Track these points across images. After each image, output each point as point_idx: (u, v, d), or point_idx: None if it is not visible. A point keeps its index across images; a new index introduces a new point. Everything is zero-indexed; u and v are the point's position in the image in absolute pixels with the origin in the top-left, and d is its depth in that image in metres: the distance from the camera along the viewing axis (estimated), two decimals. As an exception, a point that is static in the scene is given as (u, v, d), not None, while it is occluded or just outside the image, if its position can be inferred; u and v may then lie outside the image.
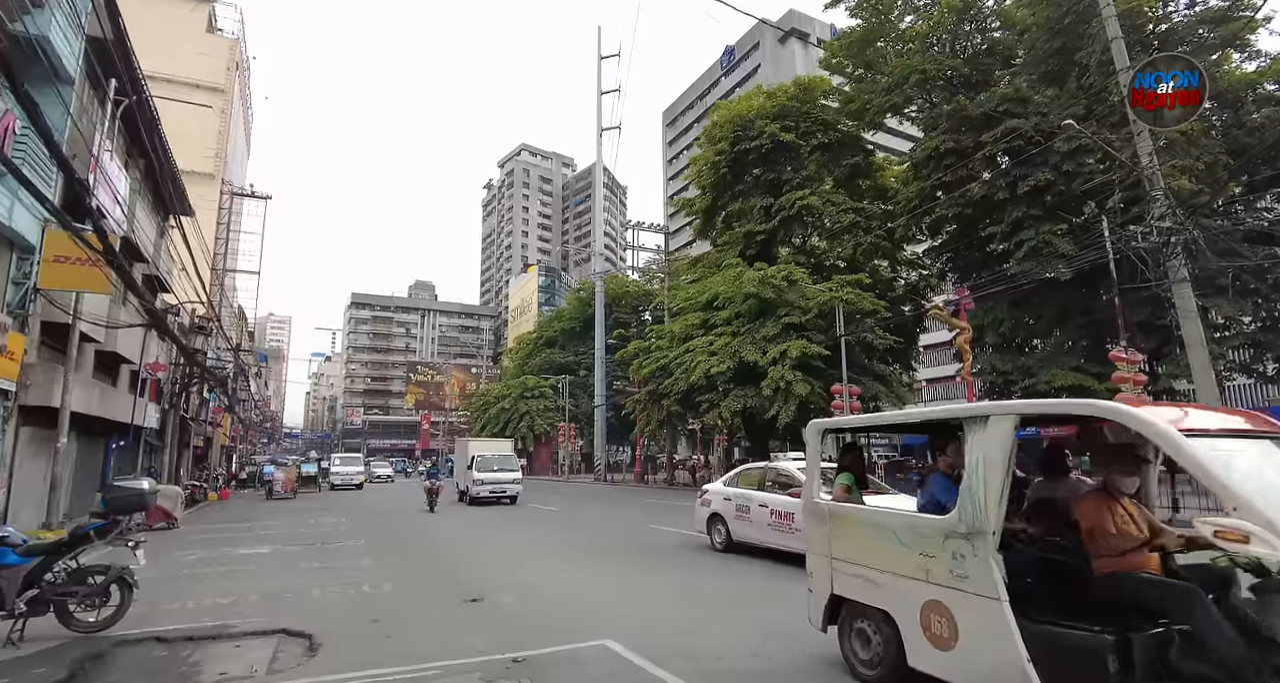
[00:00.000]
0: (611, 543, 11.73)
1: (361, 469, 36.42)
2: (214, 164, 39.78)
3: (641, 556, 10.21)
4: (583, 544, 11.58)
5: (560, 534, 13.15)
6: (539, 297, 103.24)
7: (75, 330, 13.59)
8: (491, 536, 13.12)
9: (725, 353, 25.37)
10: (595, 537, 12.66)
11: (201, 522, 16.92)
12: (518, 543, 11.80)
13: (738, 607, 6.43)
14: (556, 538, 12.50)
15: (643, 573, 8.44)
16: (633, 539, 12.21)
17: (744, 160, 32.04)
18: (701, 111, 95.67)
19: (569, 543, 11.72)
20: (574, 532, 13.55)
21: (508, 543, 11.89)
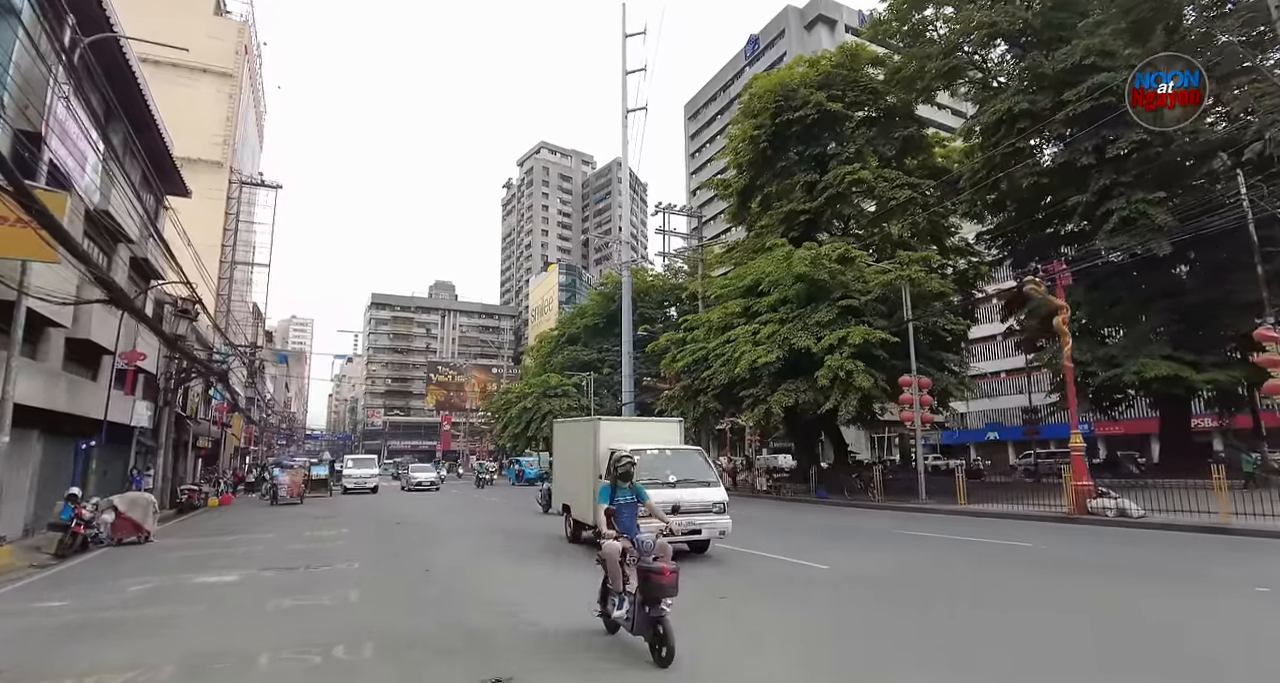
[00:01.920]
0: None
1: (376, 472, 34.27)
2: (222, 151, 37.94)
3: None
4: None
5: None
6: (559, 295, 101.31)
7: (20, 307, 11.34)
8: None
9: (773, 342, 22.73)
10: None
11: (183, 534, 14.68)
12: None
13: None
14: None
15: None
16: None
17: (785, 134, 29.38)
18: (725, 103, 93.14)
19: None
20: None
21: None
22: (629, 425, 12.67)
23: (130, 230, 18.35)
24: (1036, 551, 10.35)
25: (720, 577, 8.29)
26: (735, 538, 10.57)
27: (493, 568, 9.37)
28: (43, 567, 10.60)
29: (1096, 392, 25.75)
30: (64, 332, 15.04)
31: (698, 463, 10.67)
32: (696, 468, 10.43)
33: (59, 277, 12.44)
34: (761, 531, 13.21)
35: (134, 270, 19.75)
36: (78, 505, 12.03)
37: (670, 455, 10.45)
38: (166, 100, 23.17)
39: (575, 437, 12.69)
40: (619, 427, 11.92)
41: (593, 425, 11.53)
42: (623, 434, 11.15)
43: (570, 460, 12.68)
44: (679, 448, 11.11)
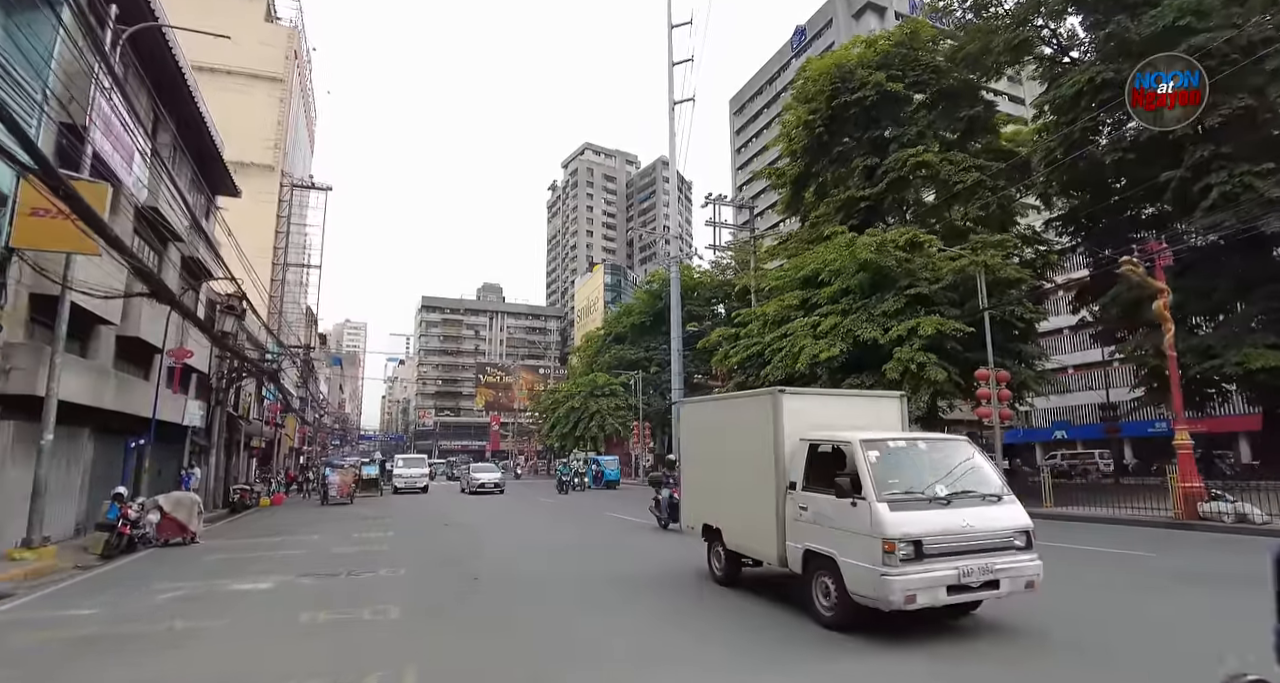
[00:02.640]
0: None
1: (426, 471, 34.13)
2: (273, 155, 38.40)
3: None
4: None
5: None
6: (605, 295, 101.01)
7: (64, 301, 11.05)
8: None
9: (835, 335, 21.46)
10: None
11: (230, 535, 14.35)
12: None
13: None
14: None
15: None
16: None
17: (842, 118, 28.00)
18: (771, 97, 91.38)
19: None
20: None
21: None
22: (830, 402, 7.83)
23: (180, 230, 18.26)
24: (1165, 562, 9.02)
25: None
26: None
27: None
28: (86, 568, 10.24)
29: (1188, 385, 23.66)
30: (114, 330, 14.91)
31: (974, 463, 6.19)
32: (974, 471, 6.09)
33: (104, 272, 12.13)
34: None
35: (185, 270, 19.71)
36: (124, 505, 11.71)
37: (927, 449, 6.39)
38: (219, 106, 23.20)
39: (731, 420, 8.24)
40: (812, 404, 7.35)
41: (770, 401, 7.10)
42: (821, 415, 7.01)
43: (720, 456, 8.20)
44: (939, 438, 6.95)
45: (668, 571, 8.78)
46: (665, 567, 9.05)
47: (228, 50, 36.53)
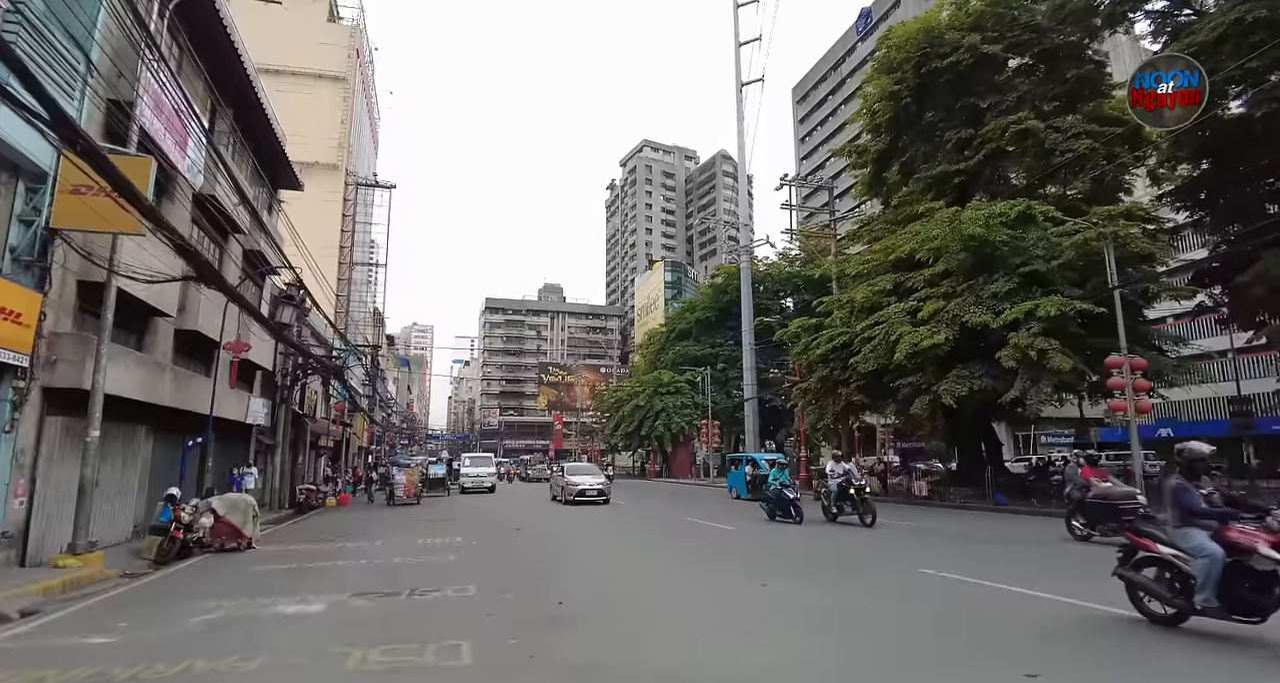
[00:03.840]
0: None
1: (493, 470, 33.37)
2: (337, 154, 38.38)
3: None
4: None
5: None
6: (665, 293, 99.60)
7: (110, 287, 10.19)
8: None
9: (938, 321, 19.33)
10: None
11: (290, 538, 13.43)
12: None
13: None
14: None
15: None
16: None
17: (932, 86, 25.63)
18: (836, 83, 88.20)
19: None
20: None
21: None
22: None
23: (240, 221, 17.62)
24: None
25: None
26: (1006, 573, 7.66)
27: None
28: (133, 577, 9.33)
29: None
30: (172, 323, 14.23)
31: None
32: None
33: (160, 262, 11.26)
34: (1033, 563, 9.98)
35: (247, 264, 19.14)
36: (176, 507, 10.84)
37: None
38: (284, 108, 22.76)
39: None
40: None
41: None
42: None
43: None
44: None
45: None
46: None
47: (291, 52, 36.75)
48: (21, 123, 8.85)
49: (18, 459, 9.38)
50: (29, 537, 9.63)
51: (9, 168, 9.32)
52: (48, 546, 9.87)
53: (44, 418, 9.95)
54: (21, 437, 9.46)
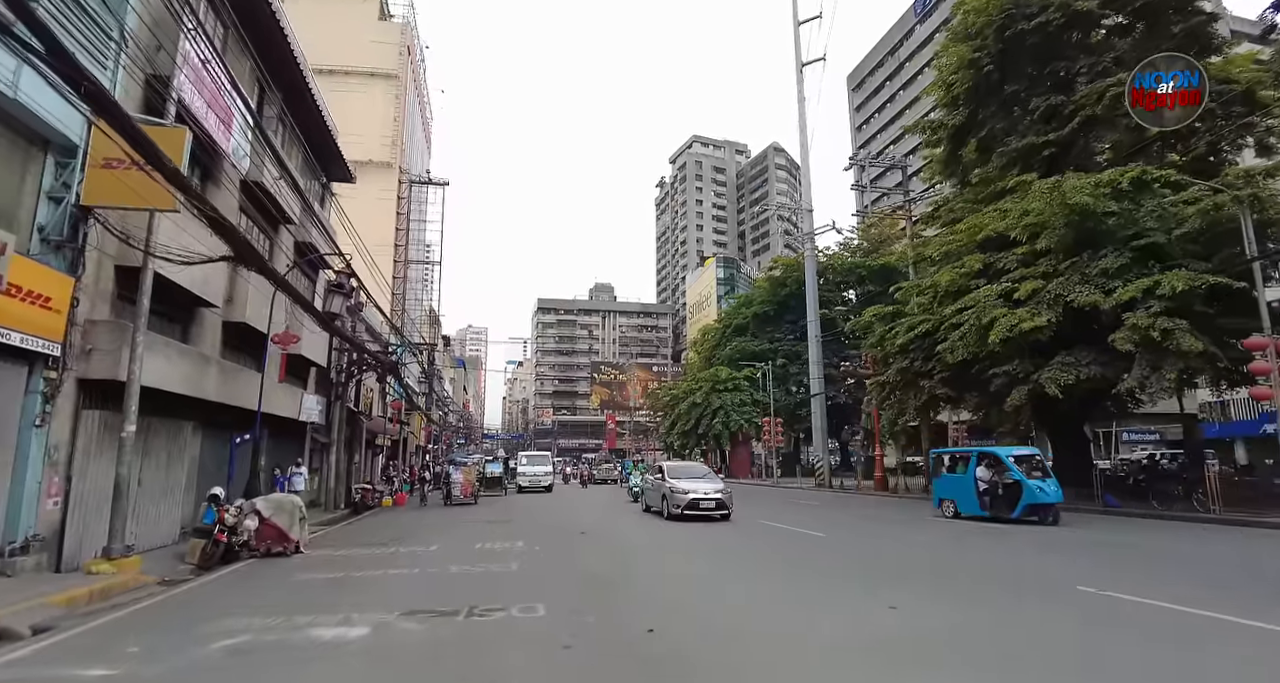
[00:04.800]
0: None
1: (550, 469, 32.51)
2: (391, 152, 38.18)
3: None
4: None
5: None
6: (718, 289, 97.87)
7: (147, 269, 9.43)
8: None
9: (1038, 301, 17.41)
10: None
11: (341, 542, 12.56)
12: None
13: None
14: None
15: None
16: None
17: (1017, 51, 23.47)
18: (894, 68, 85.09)
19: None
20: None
21: None
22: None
23: (290, 211, 17.02)
24: None
25: None
26: (1201, 596, 6.08)
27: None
28: (171, 584, 8.51)
29: None
30: (219, 315, 13.61)
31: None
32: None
33: (202, 245, 10.50)
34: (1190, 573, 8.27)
35: (297, 255, 18.57)
36: (220, 508, 10.03)
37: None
38: (337, 107, 22.28)
39: None
40: None
41: None
42: None
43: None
44: None
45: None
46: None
47: (343, 51, 36.68)
48: (50, 91, 8.16)
49: (51, 455, 8.68)
50: (65, 539, 8.93)
51: (37, 140, 8.62)
52: (86, 549, 9.17)
53: (79, 411, 9.25)
54: (55, 431, 8.76)
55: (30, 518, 8.32)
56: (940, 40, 32.19)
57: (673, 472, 17.25)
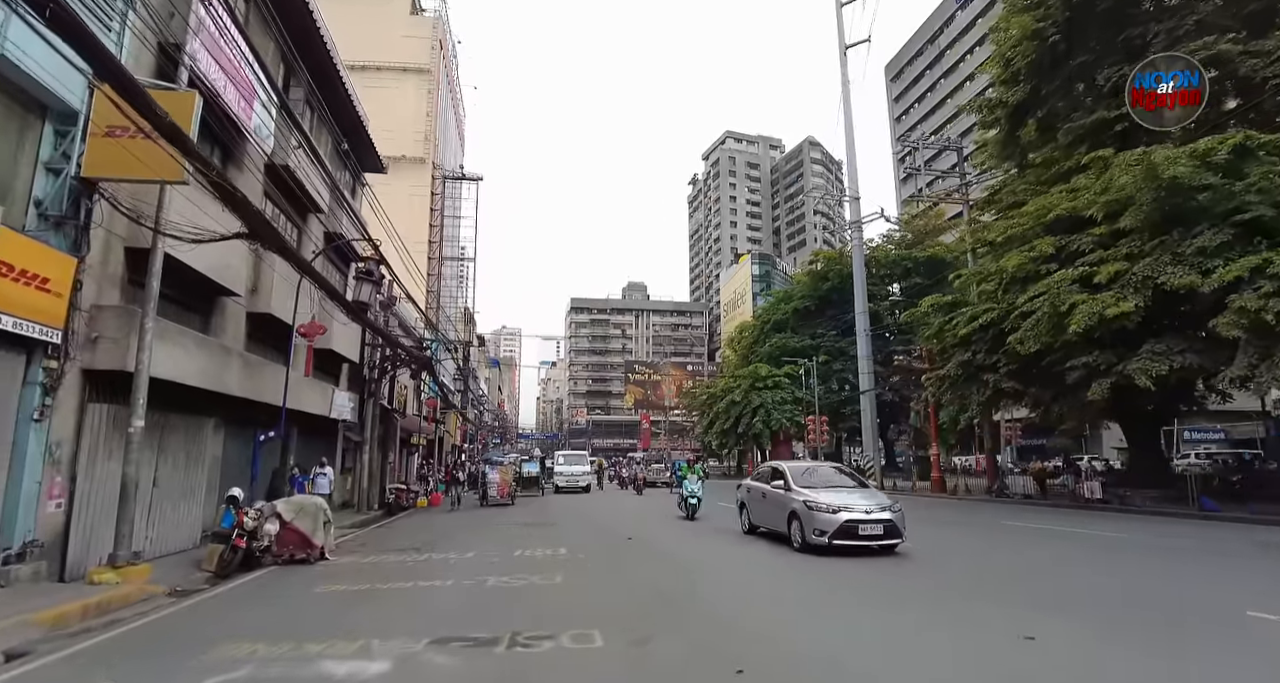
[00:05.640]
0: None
1: (588, 469, 31.53)
2: (424, 147, 37.68)
3: None
4: None
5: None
6: (754, 286, 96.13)
7: (157, 249, 8.63)
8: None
9: (1124, 285, 15.84)
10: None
11: (370, 547, 11.65)
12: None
13: None
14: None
15: None
16: None
17: (1085, 19, 21.83)
18: (933, 57, 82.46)
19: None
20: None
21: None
22: None
23: (320, 198, 16.29)
24: None
25: None
26: None
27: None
28: (182, 595, 7.66)
29: None
30: (242, 305, 12.85)
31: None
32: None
33: (220, 225, 9.68)
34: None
35: (331, 249, 17.86)
36: (239, 511, 9.20)
37: None
38: (369, 103, 21.66)
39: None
40: None
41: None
42: None
43: None
44: None
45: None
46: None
47: (375, 47, 36.23)
48: (48, 51, 7.36)
49: (52, 453, 7.90)
50: (69, 546, 8.15)
51: (34, 106, 7.84)
52: (93, 555, 8.38)
53: (85, 405, 8.47)
54: (57, 427, 7.98)
55: (29, 522, 7.54)
56: (984, 25, 30.37)
57: (800, 476, 11.28)
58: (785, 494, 10.92)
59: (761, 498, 12.01)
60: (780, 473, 11.61)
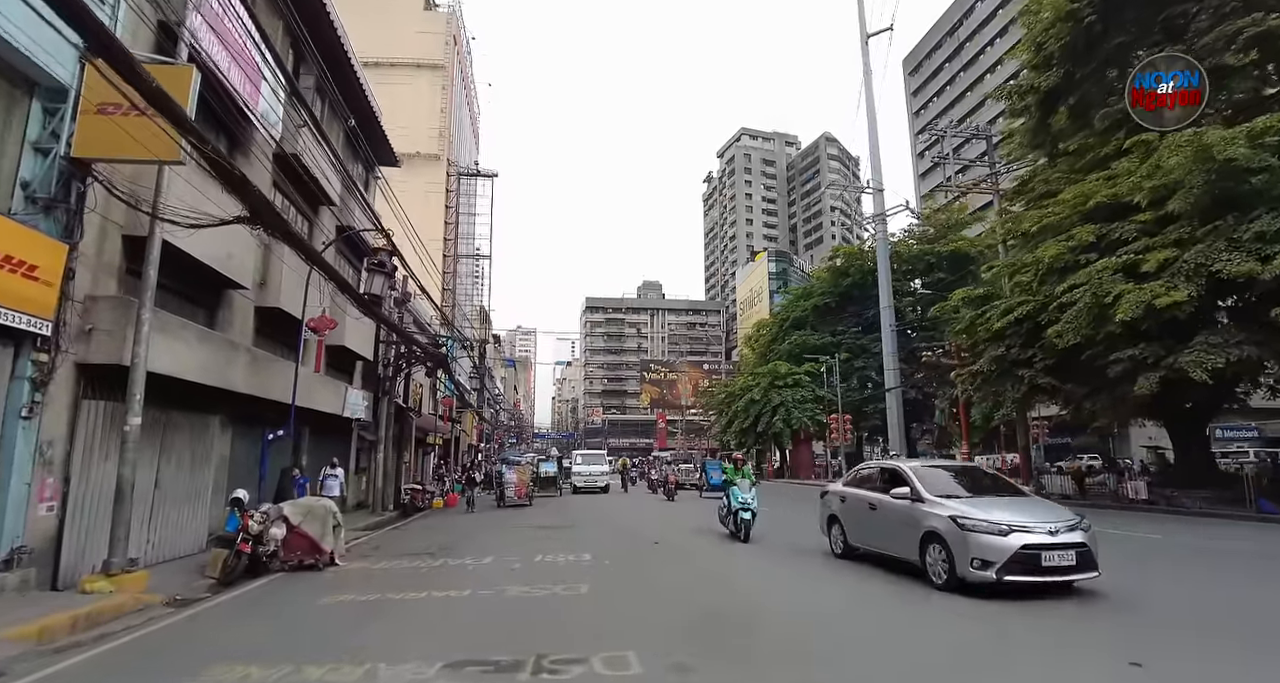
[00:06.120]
0: None
1: (606, 469, 30.90)
2: (438, 144, 37.26)
3: None
4: None
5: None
6: (770, 284, 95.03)
7: (155, 235, 8.11)
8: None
9: (1176, 273, 14.96)
10: None
11: (383, 551, 11.09)
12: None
13: None
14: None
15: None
16: None
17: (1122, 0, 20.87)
18: (953, 49, 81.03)
19: None
20: None
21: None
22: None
23: (331, 190, 15.81)
24: None
25: None
26: None
27: None
28: (181, 604, 7.14)
29: None
30: (250, 300, 12.37)
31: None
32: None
33: (222, 211, 9.14)
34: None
35: (343, 244, 17.40)
36: (244, 515, 8.67)
37: None
38: (384, 100, 21.24)
39: None
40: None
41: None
42: None
43: None
44: None
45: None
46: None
47: (389, 43, 35.85)
48: (37, 22, 6.85)
49: (42, 453, 7.39)
50: (62, 552, 7.65)
51: (21, 82, 7.34)
52: (88, 562, 7.88)
53: (79, 402, 7.97)
54: (48, 425, 7.48)
55: (17, 527, 7.04)
56: (1005, 15, 29.16)
57: (933, 481, 8.19)
58: (913, 507, 7.73)
59: (868, 511, 8.73)
60: (900, 476, 8.38)
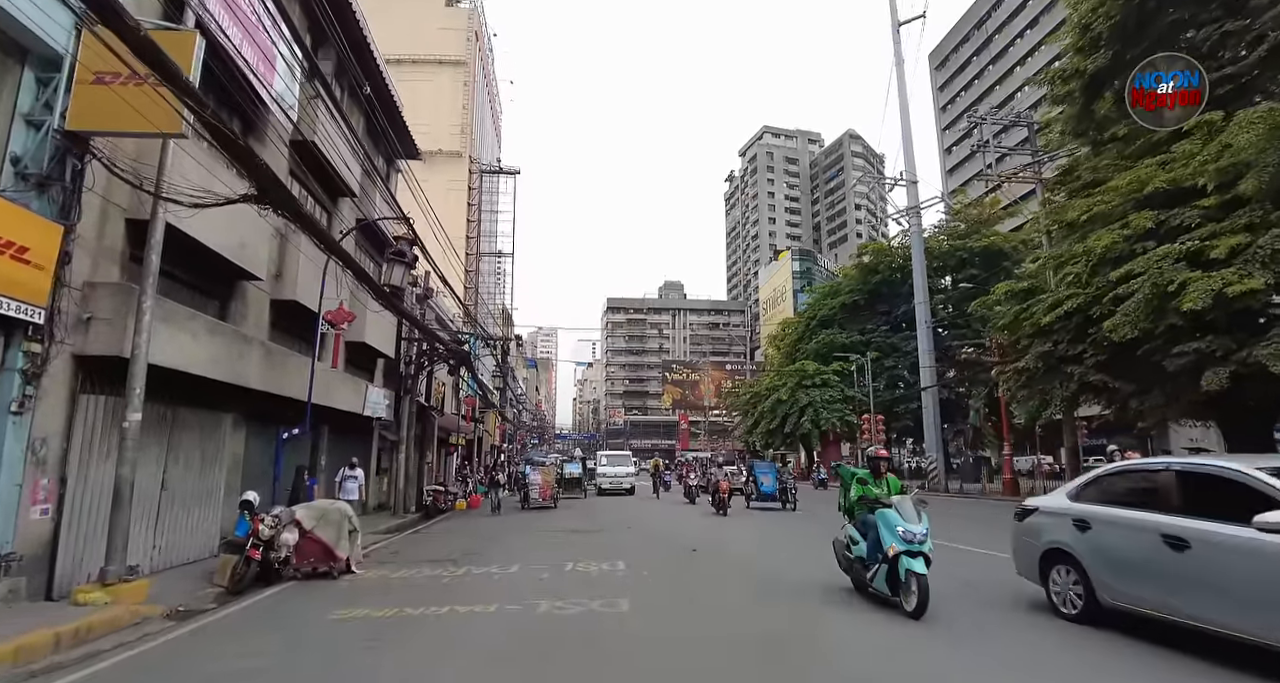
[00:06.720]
0: None
1: (632, 470, 30.18)
2: (460, 141, 36.82)
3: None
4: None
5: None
6: (794, 283, 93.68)
7: (158, 217, 7.53)
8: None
9: (1249, 260, 13.87)
10: None
11: (403, 557, 10.42)
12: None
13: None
14: None
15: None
16: None
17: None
18: (981, 42, 79.32)
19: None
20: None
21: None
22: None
23: (351, 180, 15.28)
24: None
25: None
26: None
27: None
28: (183, 616, 6.54)
29: None
30: (265, 291, 11.83)
31: None
32: None
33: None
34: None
35: (360, 235, 16.88)
36: (254, 518, 8.07)
37: None
38: (406, 96, 20.80)
39: None
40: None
41: None
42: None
43: None
44: None
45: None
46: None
47: (411, 40, 35.46)
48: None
49: (36, 451, 6.82)
50: (57, 558, 7.07)
51: (12, 49, 6.77)
52: (86, 569, 7.31)
53: (76, 396, 7.40)
54: (42, 421, 6.90)
55: (6, 532, 6.46)
56: (1035, 5, 27.90)
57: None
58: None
59: (1160, 549, 5.07)
60: (1248, 489, 4.67)
